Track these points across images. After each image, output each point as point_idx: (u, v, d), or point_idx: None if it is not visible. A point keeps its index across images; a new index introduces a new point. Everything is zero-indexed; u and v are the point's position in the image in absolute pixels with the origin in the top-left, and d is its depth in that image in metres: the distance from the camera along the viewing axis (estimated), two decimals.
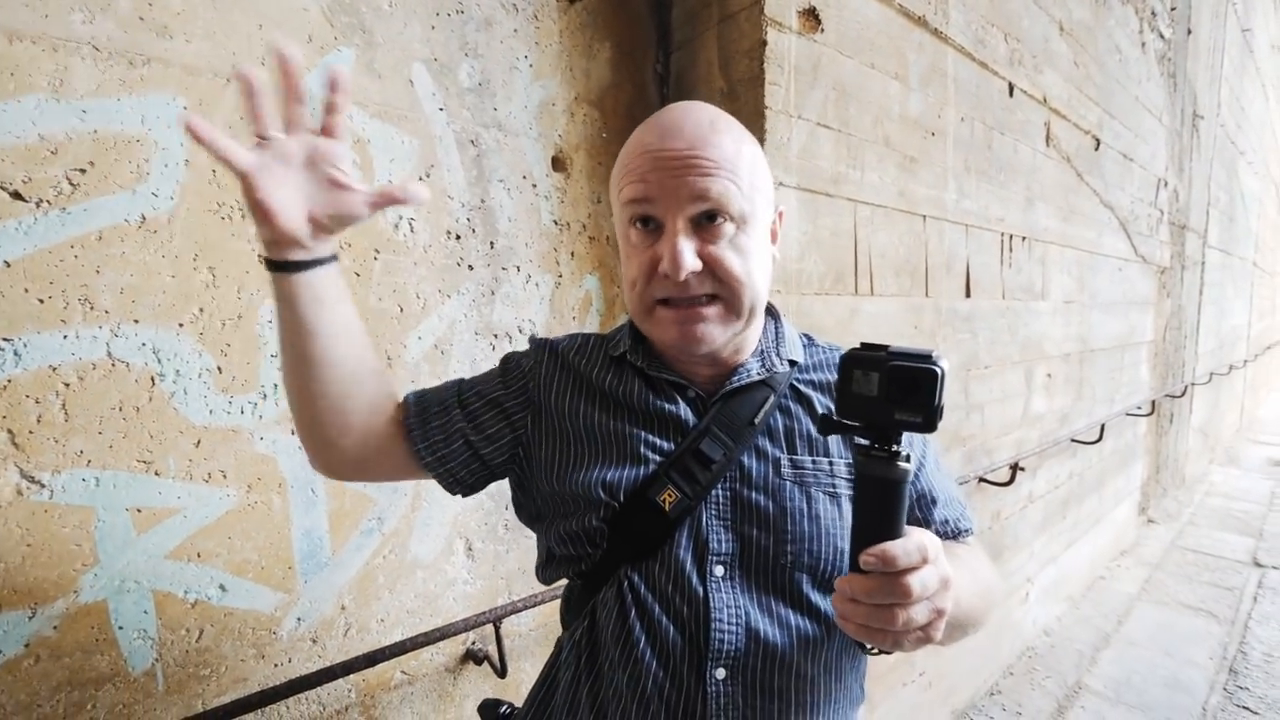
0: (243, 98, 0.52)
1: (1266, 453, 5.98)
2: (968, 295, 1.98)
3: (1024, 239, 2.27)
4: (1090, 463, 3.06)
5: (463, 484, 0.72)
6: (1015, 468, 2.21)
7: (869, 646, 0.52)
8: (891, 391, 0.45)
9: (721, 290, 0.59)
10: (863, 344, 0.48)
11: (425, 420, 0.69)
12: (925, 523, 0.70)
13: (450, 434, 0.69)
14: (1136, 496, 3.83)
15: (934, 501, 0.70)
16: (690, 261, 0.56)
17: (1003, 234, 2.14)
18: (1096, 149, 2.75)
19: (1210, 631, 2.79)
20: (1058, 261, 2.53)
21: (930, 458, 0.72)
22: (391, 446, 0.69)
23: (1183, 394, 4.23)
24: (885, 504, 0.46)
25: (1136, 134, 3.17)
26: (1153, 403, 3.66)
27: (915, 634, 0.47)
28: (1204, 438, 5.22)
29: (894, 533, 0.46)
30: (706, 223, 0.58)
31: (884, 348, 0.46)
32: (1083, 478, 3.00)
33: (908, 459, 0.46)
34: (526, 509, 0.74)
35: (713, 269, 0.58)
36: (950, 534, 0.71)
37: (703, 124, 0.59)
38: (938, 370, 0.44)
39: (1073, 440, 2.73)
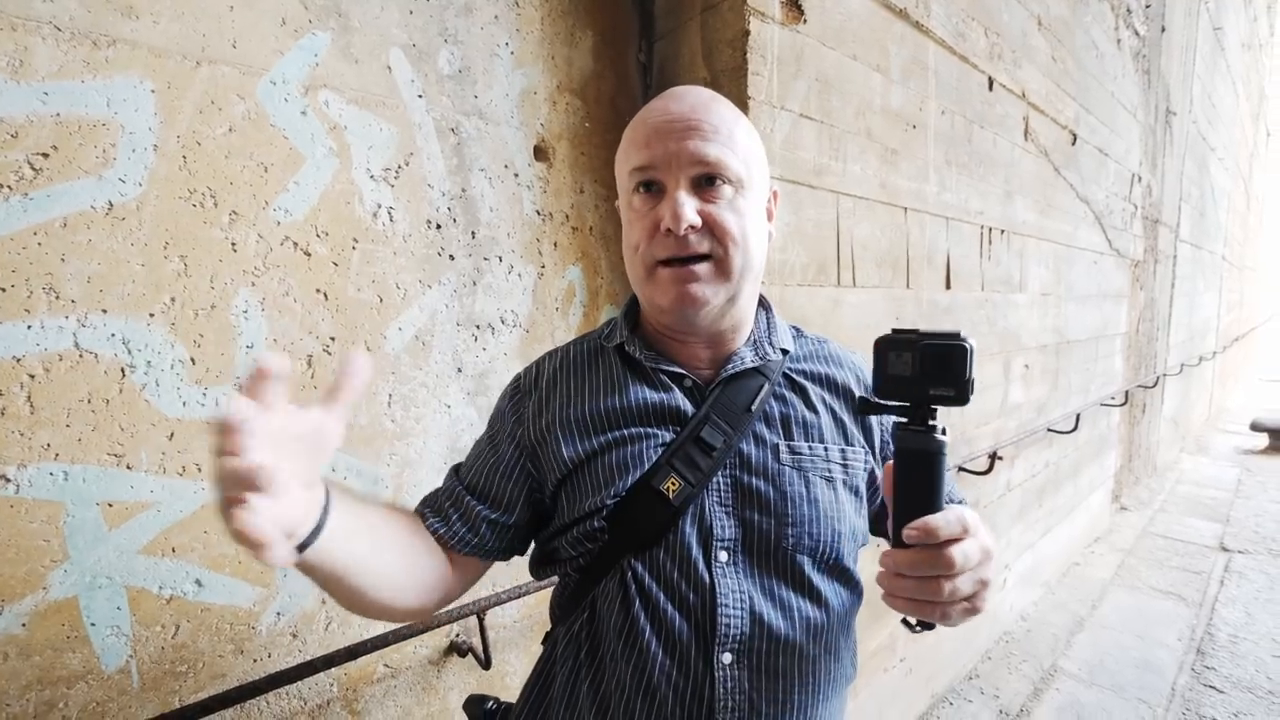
0: (261, 388, 0.40)
1: (1234, 441, 6.17)
2: (948, 287, 2.01)
3: (1003, 232, 2.31)
4: (1066, 452, 3.13)
5: (506, 553, 0.72)
6: (994, 457, 2.25)
7: (914, 624, 0.54)
8: (926, 369, 0.49)
9: (715, 248, 0.61)
10: (894, 330, 0.52)
11: (447, 519, 0.69)
12: None
13: (473, 522, 0.69)
14: (1110, 484, 3.93)
15: None
16: (690, 215, 0.59)
17: (982, 227, 2.17)
18: (1073, 144, 2.80)
19: (1179, 614, 2.88)
20: (1035, 254, 2.58)
21: None
22: (441, 563, 0.68)
23: (1155, 384, 4.34)
24: (925, 477, 0.49)
25: (1112, 129, 3.23)
26: (1126, 393, 3.75)
27: (961, 605, 0.48)
28: (1175, 427, 5.37)
29: (934, 506, 0.48)
30: (706, 185, 0.61)
31: (915, 331, 0.50)
32: (1058, 466, 3.07)
33: (944, 432, 0.49)
34: (539, 552, 0.73)
35: (710, 227, 0.60)
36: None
37: (703, 95, 0.63)
38: (968, 347, 0.48)
39: (1049, 430, 2.79)
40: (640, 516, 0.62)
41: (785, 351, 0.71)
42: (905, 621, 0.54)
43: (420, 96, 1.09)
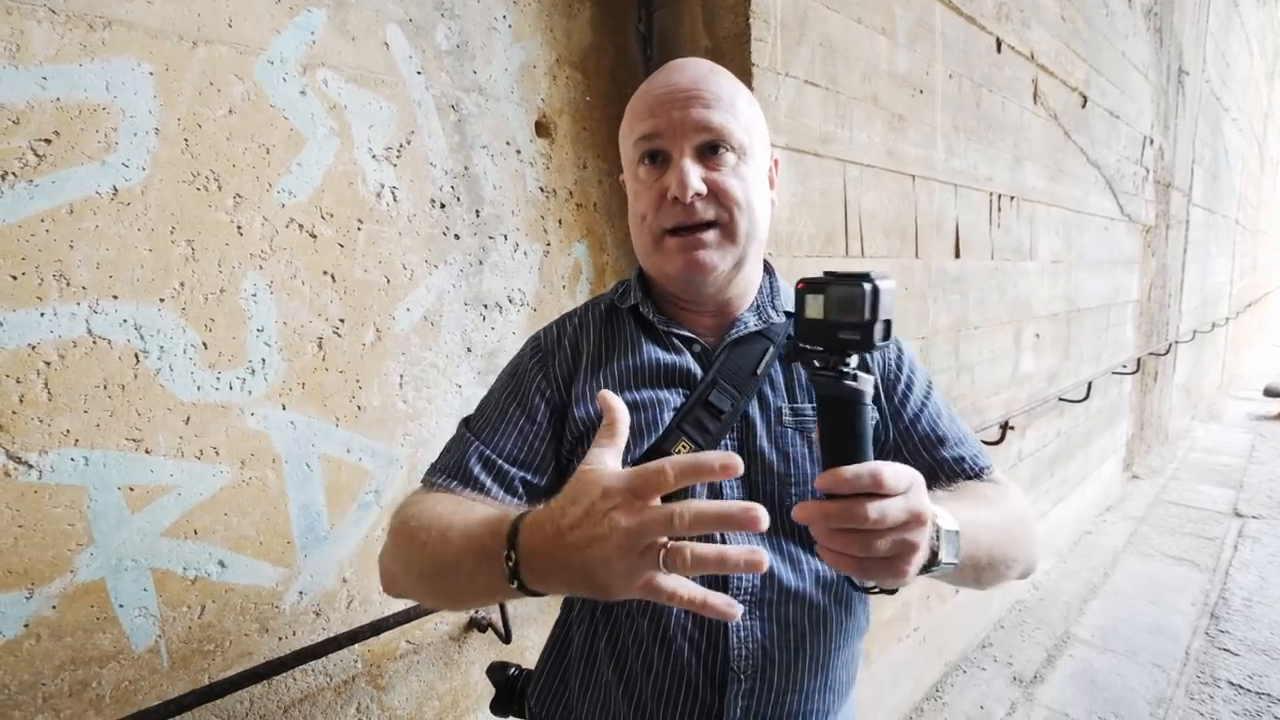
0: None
1: (1246, 408, 6.12)
2: (957, 256, 1.98)
3: (1012, 199, 2.27)
4: (1077, 421, 3.11)
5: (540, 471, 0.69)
6: (1005, 427, 2.24)
7: (867, 585, 0.52)
8: (832, 312, 0.47)
9: (721, 214, 0.62)
10: (824, 271, 0.50)
11: (487, 492, 0.65)
12: (935, 464, 0.70)
13: (511, 487, 0.66)
14: (1122, 453, 3.91)
15: (940, 442, 0.71)
16: (696, 183, 0.60)
17: (991, 194, 2.13)
18: (1083, 106, 2.74)
19: (1193, 580, 2.89)
20: (1045, 221, 2.54)
21: (934, 401, 0.73)
22: None
23: (1167, 352, 4.29)
24: (841, 425, 0.47)
25: (1123, 91, 3.15)
26: (1138, 361, 3.71)
27: (879, 562, 0.45)
28: (1187, 394, 5.32)
29: (855, 456, 0.46)
30: (710, 153, 0.62)
31: (829, 273, 0.49)
32: (1070, 436, 3.06)
33: (856, 378, 0.47)
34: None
35: (715, 194, 0.62)
36: (968, 473, 0.71)
37: (702, 67, 0.65)
38: (865, 288, 0.46)
39: (1060, 399, 2.78)
40: None
41: (790, 314, 0.72)
42: (849, 580, 0.52)
43: (419, 73, 1.08)
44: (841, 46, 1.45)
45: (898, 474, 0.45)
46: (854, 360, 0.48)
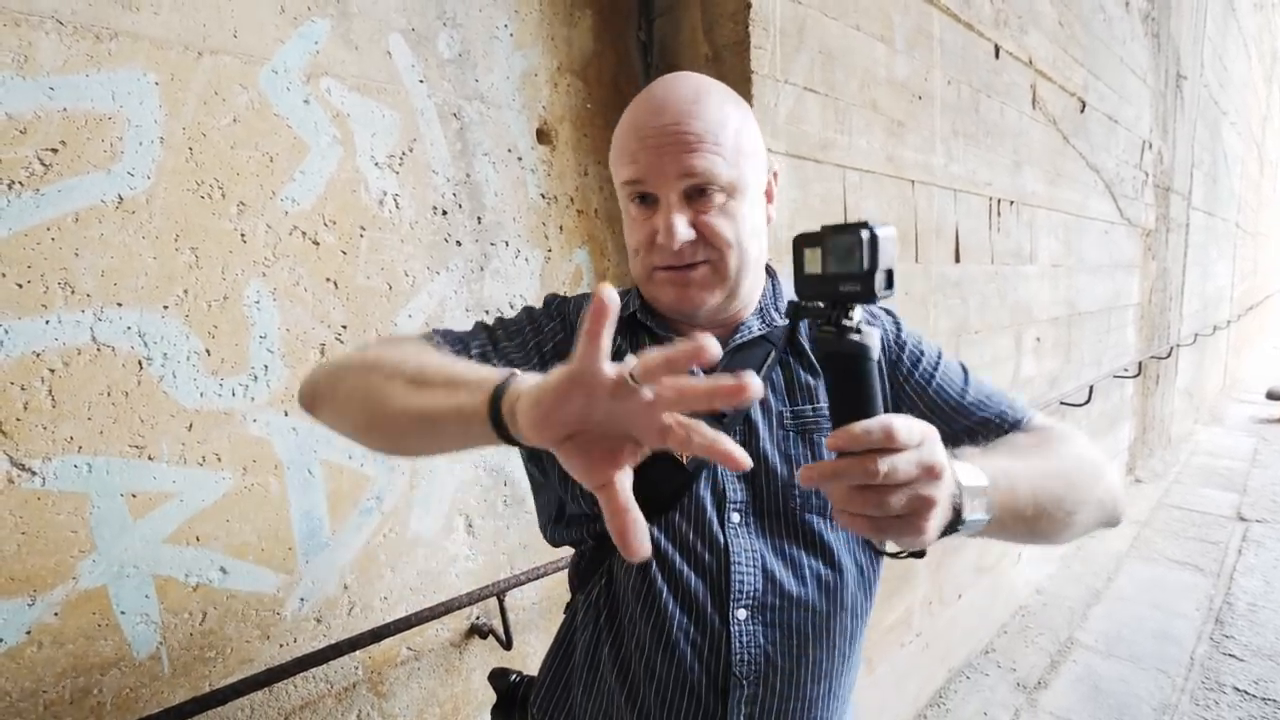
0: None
1: (1249, 411, 6.11)
2: (957, 260, 1.99)
3: (1012, 203, 2.27)
4: (1079, 424, 3.11)
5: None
6: None
7: (889, 548, 0.50)
8: (830, 264, 0.45)
9: (711, 255, 0.63)
10: (821, 225, 0.47)
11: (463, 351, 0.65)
12: (965, 431, 0.68)
13: (485, 357, 0.66)
14: (1124, 457, 3.90)
15: (959, 410, 0.69)
16: (683, 233, 0.60)
17: (991, 198, 2.14)
18: (1082, 111, 2.75)
19: (1197, 584, 2.88)
20: (1045, 225, 2.55)
21: (946, 366, 0.71)
22: None
23: (1168, 355, 4.29)
24: (848, 383, 0.45)
25: (1121, 95, 3.17)
26: (1139, 364, 3.71)
27: (894, 522, 0.44)
28: (1189, 398, 5.31)
29: (864, 412, 0.44)
30: (698, 195, 0.61)
31: (829, 226, 0.46)
32: None
33: (859, 332, 0.45)
34: (555, 513, 0.73)
35: (704, 236, 0.62)
36: (1002, 429, 0.68)
37: (686, 98, 0.61)
38: (864, 235, 0.43)
39: (1062, 403, 2.77)
40: (658, 482, 0.63)
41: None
42: (870, 544, 0.52)
43: (421, 81, 1.09)
44: (840, 53, 1.46)
45: (910, 427, 0.43)
46: (857, 314, 0.46)
